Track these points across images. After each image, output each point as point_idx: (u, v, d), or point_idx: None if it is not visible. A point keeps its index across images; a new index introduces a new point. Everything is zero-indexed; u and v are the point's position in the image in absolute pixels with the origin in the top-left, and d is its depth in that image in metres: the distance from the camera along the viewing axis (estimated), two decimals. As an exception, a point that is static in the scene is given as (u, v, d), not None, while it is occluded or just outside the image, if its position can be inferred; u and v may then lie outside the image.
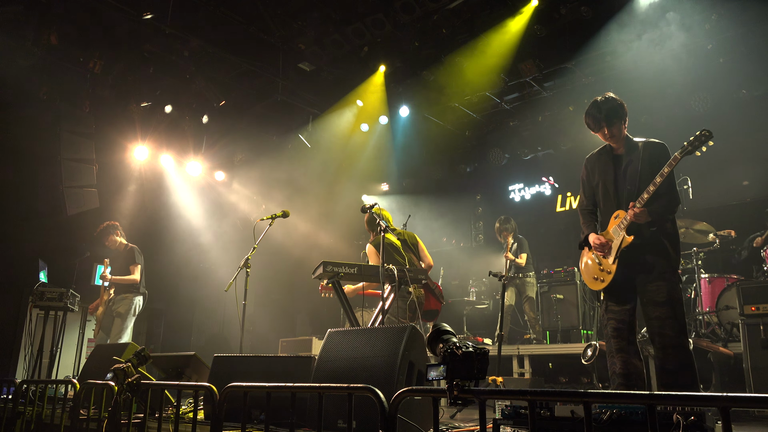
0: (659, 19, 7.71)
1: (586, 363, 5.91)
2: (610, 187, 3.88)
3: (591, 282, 3.94)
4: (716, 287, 6.37)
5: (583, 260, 4.07)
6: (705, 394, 1.52)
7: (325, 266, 5.01)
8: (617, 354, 3.70)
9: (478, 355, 1.96)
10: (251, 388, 2.69)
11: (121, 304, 7.04)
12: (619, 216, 3.76)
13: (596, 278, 3.87)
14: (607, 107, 3.85)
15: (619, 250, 3.70)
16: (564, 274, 8.42)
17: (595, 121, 3.88)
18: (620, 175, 3.86)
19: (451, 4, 7.76)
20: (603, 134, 3.89)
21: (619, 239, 3.70)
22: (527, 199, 10.99)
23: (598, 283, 3.85)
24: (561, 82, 9.43)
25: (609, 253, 3.76)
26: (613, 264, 3.72)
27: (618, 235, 3.72)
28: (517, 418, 2.89)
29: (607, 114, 3.84)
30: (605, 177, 3.92)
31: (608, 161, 3.94)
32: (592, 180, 4.04)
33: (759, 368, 4.85)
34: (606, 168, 3.94)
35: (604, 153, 4.01)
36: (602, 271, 3.81)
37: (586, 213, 4.09)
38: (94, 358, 5.60)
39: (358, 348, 3.52)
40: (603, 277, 3.80)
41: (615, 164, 3.90)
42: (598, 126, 3.88)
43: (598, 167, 4.00)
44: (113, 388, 3.28)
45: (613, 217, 3.81)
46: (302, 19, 8.26)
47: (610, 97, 3.91)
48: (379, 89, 9.69)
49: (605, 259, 3.79)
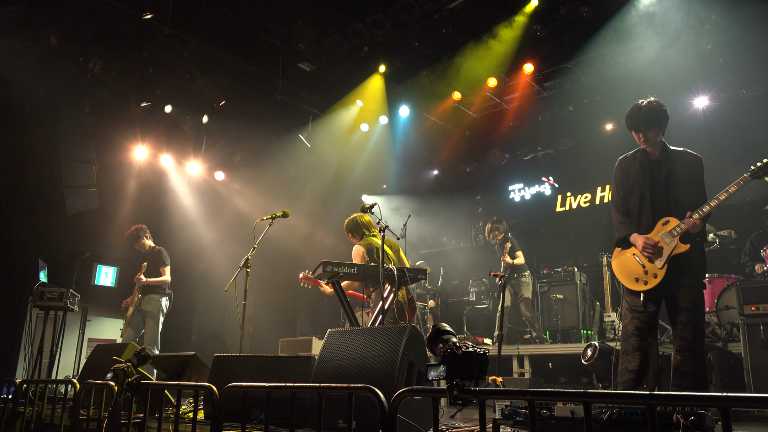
0: (659, 19, 7.71)
1: (585, 363, 5.91)
2: (646, 192, 3.93)
3: (630, 282, 3.92)
4: (716, 287, 6.38)
5: (619, 258, 4.05)
6: (705, 394, 1.52)
7: (324, 266, 5.01)
8: (635, 352, 3.76)
9: (478, 355, 1.96)
10: (251, 388, 2.69)
11: (150, 304, 7.03)
12: (669, 222, 3.81)
13: (638, 279, 3.88)
14: (647, 110, 3.87)
15: (670, 257, 3.77)
16: (564, 274, 8.43)
17: (632, 123, 3.92)
18: (658, 182, 3.91)
19: (450, 4, 7.76)
20: (638, 138, 3.94)
21: (672, 245, 3.76)
22: (527, 199, 10.98)
23: (640, 284, 3.86)
24: (561, 82, 9.43)
25: (659, 257, 3.79)
26: (662, 269, 3.78)
27: (670, 241, 3.77)
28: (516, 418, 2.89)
29: (646, 118, 3.87)
30: (642, 182, 3.96)
31: (645, 166, 3.98)
32: (626, 182, 4.06)
33: (759, 368, 4.85)
34: (642, 172, 3.97)
35: (640, 157, 4.03)
36: (647, 273, 3.84)
37: (622, 213, 4.10)
38: (94, 358, 5.60)
39: (358, 348, 3.52)
40: (647, 279, 3.83)
41: (652, 170, 3.95)
42: (637, 129, 3.92)
43: (632, 170, 4.03)
44: (113, 388, 3.28)
45: (661, 222, 3.85)
46: (302, 19, 8.26)
47: (653, 101, 3.92)
48: (379, 89, 9.70)
49: (653, 262, 3.82)
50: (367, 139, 11.05)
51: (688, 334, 3.68)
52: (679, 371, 3.68)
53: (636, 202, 3.99)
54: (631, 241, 3.95)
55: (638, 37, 7.95)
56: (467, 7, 7.93)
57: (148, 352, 3.51)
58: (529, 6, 7.77)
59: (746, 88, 8.09)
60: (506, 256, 8.19)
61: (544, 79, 9.42)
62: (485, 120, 10.76)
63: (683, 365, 3.67)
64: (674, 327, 3.78)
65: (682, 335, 3.69)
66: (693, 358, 3.66)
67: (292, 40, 8.62)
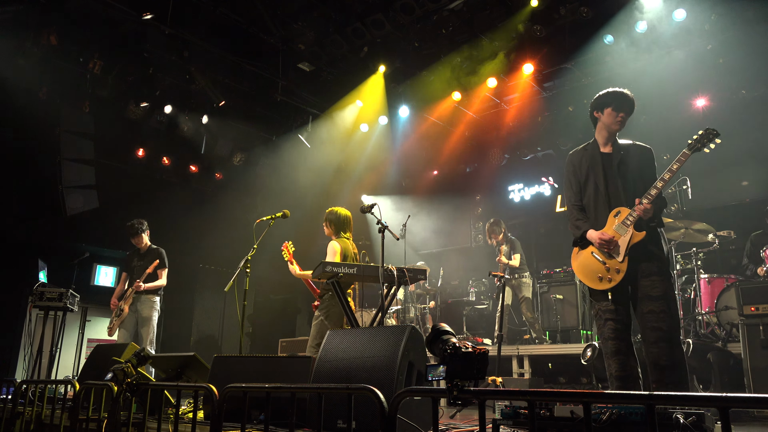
0: (659, 20, 7.71)
1: (585, 363, 5.91)
2: (600, 183, 3.83)
3: (594, 282, 3.77)
4: (716, 287, 6.38)
5: (578, 259, 3.93)
6: (704, 394, 1.52)
7: (324, 266, 5.01)
8: (614, 356, 3.63)
9: (478, 355, 1.96)
10: (251, 389, 2.69)
11: (146, 305, 6.87)
12: (621, 213, 3.70)
13: (601, 278, 3.73)
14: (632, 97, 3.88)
15: (628, 248, 3.63)
16: (563, 274, 8.43)
17: (624, 104, 3.85)
18: (611, 173, 3.82)
19: (450, 4, 7.77)
20: (621, 118, 3.84)
21: (627, 236, 3.63)
22: (527, 200, 10.99)
23: (605, 282, 3.71)
24: (560, 82, 9.44)
25: (617, 251, 3.66)
26: (623, 262, 3.64)
27: (625, 232, 3.65)
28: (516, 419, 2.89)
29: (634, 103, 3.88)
30: (594, 173, 3.88)
31: (596, 158, 3.91)
32: (579, 175, 3.97)
33: (758, 368, 4.85)
34: (594, 165, 3.89)
35: (591, 149, 3.98)
36: (608, 270, 3.70)
37: (577, 209, 3.99)
38: (94, 359, 5.60)
39: (357, 348, 3.52)
40: (611, 276, 3.68)
41: (603, 162, 3.87)
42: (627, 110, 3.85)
43: (585, 163, 3.95)
44: (113, 389, 3.28)
45: (612, 214, 3.74)
46: (302, 19, 8.27)
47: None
48: (378, 89, 9.70)
49: (612, 257, 3.68)
50: (367, 139, 11.05)
51: (663, 323, 3.50)
52: (657, 365, 3.48)
53: (591, 195, 3.89)
54: (588, 239, 3.82)
55: (638, 38, 7.95)
56: (467, 7, 7.93)
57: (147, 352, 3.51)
58: (528, 6, 7.77)
59: (746, 89, 8.10)
60: (501, 256, 8.23)
61: (543, 80, 9.42)
62: (485, 120, 10.76)
63: (661, 358, 3.47)
64: (645, 319, 3.58)
65: (656, 326, 3.51)
66: (670, 348, 3.47)
67: (292, 41, 8.62)
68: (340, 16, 8.14)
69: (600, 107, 3.92)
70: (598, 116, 3.95)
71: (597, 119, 3.96)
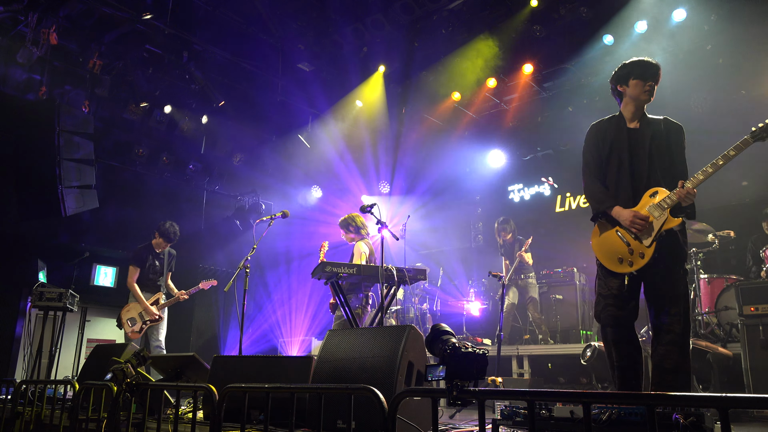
0: (658, 20, 7.72)
1: (585, 363, 5.91)
2: (625, 159, 3.50)
3: (613, 263, 3.43)
4: (715, 288, 6.38)
5: (600, 237, 3.54)
6: (704, 394, 1.52)
7: (324, 267, 5.01)
8: (616, 345, 3.41)
9: (478, 355, 1.96)
10: (251, 389, 2.69)
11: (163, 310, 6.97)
12: (659, 193, 3.36)
13: (622, 260, 3.38)
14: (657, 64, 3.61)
15: (659, 233, 3.30)
16: (563, 274, 8.43)
17: (647, 71, 3.58)
18: (638, 151, 3.50)
19: (450, 4, 7.78)
20: (650, 87, 3.57)
21: (661, 220, 3.30)
22: (526, 200, 10.99)
23: (625, 266, 3.37)
24: (560, 82, 9.44)
25: (648, 233, 3.32)
26: (650, 247, 3.30)
27: (659, 215, 3.31)
28: (516, 419, 2.89)
29: (659, 69, 3.60)
30: (619, 147, 3.55)
31: (622, 133, 3.58)
32: (602, 149, 3.61)
33: (758, 369, 4.85)
34: (619, 140, 3.57)
35: (617, 122, 3.65)
36: (632, 252, 3.35)
37: (599, 182, 3.59)
38: (94, 359, 5.60)
39: (357, 348, 3.52)
40: (633, 260, 3.34)
41: (630, 138, 3.55)
42: (652, 77, 3.57)
43: (609, 136, 3.61)
44: (112, 389, 3.28)
45: (648, 194, 3.40)
46: (302, 19, 8.27)
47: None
48: (378, 90, 9.70)
49: (638, 239, 3.34)
50: (367, 139, 11.05)
51: (677, 326, 3.26)
52: (660, 368, 3.28)
53: (614, 171, 3.55)
54: (613, 215, 3.45)
55: (638, 38, 7.96)
56: (466, 7, 7.94)
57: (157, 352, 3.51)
58: (528, 7, 7.77)
59: (745, 89, 8.10)
60: (522, 252, 8.14)
61: (543, 80, 9.43)
62: (485, 120, 10.77)
63: (666, 361, 3.26)
64: (660, 318, 3.34)
65: (670, 328, 3.27)
66: (680, 353, 3.25)
67: (292, 41, 8.63)
68: (340, 16, 8.15)
69: (623, 80, 3.64)
70: (623, 90, 3.65)
71: (622, 93, 3.66)
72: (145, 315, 6.75)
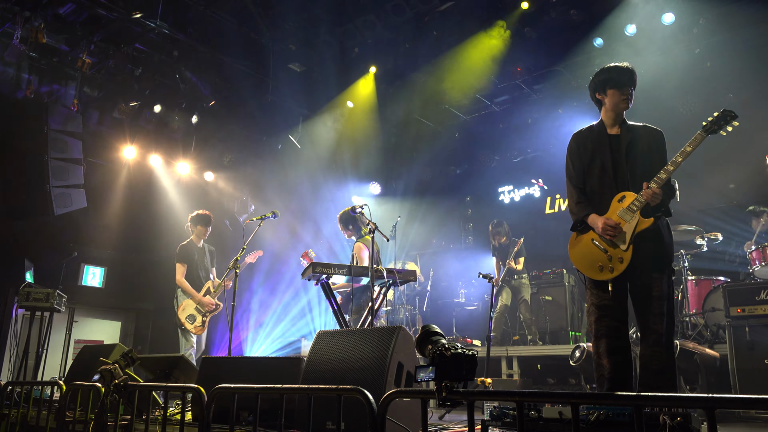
0: (648, 24, 7.78)
1: (574, 364, 5.94)
2: (608, 166, 3.54)
3: (593, 272, 3.46)
4: (703, 289, 6.43)
5: (577, 246, 3.59)
6: (691, 395, 1.54)
7: (314, 267, 5.01)
8: (609, 356, 3.37)
9: (467, 356, 1.96)
10: (240, 390, 2.68)
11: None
12: (626, 198, 3.41)
13: (602, 267, 3.41)
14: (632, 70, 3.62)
15: (633, 236, 3.34)
16: (553, 276, 8.47)
17: (622, 78, 3.58)
18: (619, 156, 3.54)
19: (441, 6, 7.80)
20: (627, 95, 3.58)
21: (633, 223, 3.35)
22: (516, 201, 11.03)
23: (606, 273, 3.39)
24: (550, 84, 9.49)
25: (622, 239, 3.36)
26: (627, 251, 3.34)
27: (630, 218, 3.36)
28: (505, 419, 2.90)
29: (634, 75, 3.61)
30: (601, 153, 3.58)
31: (603, 140, 3.61)
32: (584, 156, 3.65)
33: (744, 369, 4.89)
34: (601, 146, 3.60)
35: (597, 129, 3.69)
36: (611, 259, 3.38)
37: (579, 190, 3.64)
38: (81, 360, 5.56)
39: (347, 349, 3.52)
40: (613, 265, 3.37)
41: (611, 144, 3.58)
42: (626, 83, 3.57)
43: (590, 144, 3.64)
44: (100, 390, 3.25)
45: (616, 199, 3.45)
46: (293, 19, 8.26)
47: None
48: (369, 90, 9.70)
49: (615, 246, 3.38)
50: (358, 140, 11.05)
51: (660, 326, 3.30)
52: (647, 369, 3.32)
53: (596, 177, 3.58)
54: (589, 224, 3.50)
55: (627, 41, 8.02)
56: (458, 9, 7.96)
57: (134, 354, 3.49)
58: (519, 9, 7.81)
59: (732, 92, 8.18)
60: (511, 260, 8.19)
61: (533, 82, 9.47)
62: (475, 121, 10.80)
63: (652, 362, 3.30)
64: (644, 319, 3.37)
65: (654, 328, 3.31)
66: (665, 354, 3.29)
67: (283, 41, 8.61)
68: (331, 16, 8.15)
69: (601, 88, 3.66)
70: (601, 98, 3.68)
71: (600, 101, 3.69)
72: (202, 308, 6.68)
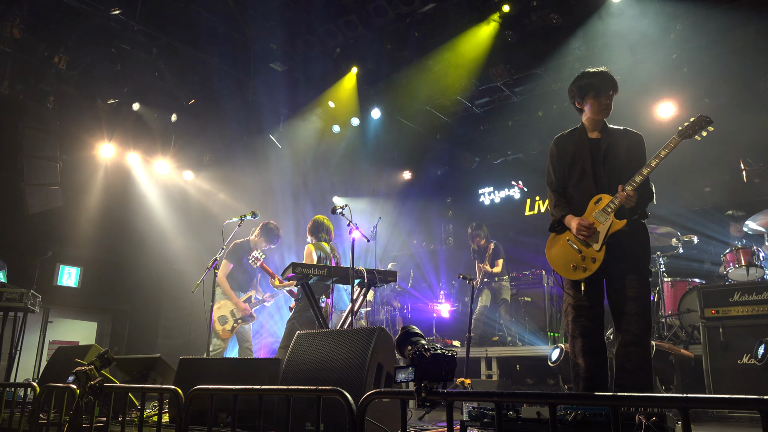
0: (626, 29, 7.88)
1: (552, 365, 5.99)
2: (587, 170, 3.60)
3: (568, 271, 3.55)
4: (678, 291, 6.53)
5: (553, 246, 3.68)
6: (666, 395, 1.56)
7: (294, 267, 4.98)
8: (585, 356, 3.44)
9: (446, 357, 1.97)
10: (218, 391, 2.66)
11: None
12: (602, 200, 3.49)
13: (576, 267, 3.49)
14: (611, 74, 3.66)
15: (606, 236, 3.41)
16: (532, 277, 8.53)
17: (602, 83, 3.62)
18: (599, 160, 3.60)
19: (423, 7, 7.82)
20: (607, 103, 3.62)
21: (607, 224, 3.42)
22: (497, 203, 11.11)
23: (579, 272, 3.48)
24: (531, 87, 9.56)
25: (595, 239, 3.44)
26: (599, 251, 3.41)
27: (605, 219, 3.43)
28: (484, 420, 2.91)
29: (614, 79, 3.65)
30: (582, 159, 3.64)
31: (583, 144, 3.67)
32: (564, 159, 3.72)
33: (718, 370, 4.98)
34: (581, 150, 3.66)
35: (578, 133, 3.74)
36: (584, 258, 3.47)
37: (557, 194, 3.74)
38: (56, 361, 5.47)
39: (326, 350, 3.51)
40: (586, 265, 3.45)
41: (591, 147, 3.64)
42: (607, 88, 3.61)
43: (571, 148, 3.71)
44: (75, 392, 3.20)
45: (593, 201, 3.53)
46: (274, 18, 8.22)
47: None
48: (350, 91, 9.69)
49: (589, 245, 3.46)
50: (339, 140, 11.04)
51: (634, 326, 3.35)
52: (623, 369, 3.36)
53: (577, 181, 3.65)
54: (565, 224, 3.61)
55: (606, 45, 8.12)
56: (439, 11, 7.99)
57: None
58: (500, 12, 7.86)
59: (708, 97, 8.32)
60: (486, 264, 8.24)
61: (514, 84, 9.54)
62: (456, 123, 10.85)
63: (628, 362, 3.34)
64: (618, 319, 3.43)
65: (628, 328, 3.36)
66: (640, 353, 3.34)
67: (264, 40, 8.57)
68: (313, 16, 8.12)
69: (580, 96, 3.71)
70: (581, 104, 3.73)
71: (580, 109, 3.76)
72: (237, 312, 6.53)
